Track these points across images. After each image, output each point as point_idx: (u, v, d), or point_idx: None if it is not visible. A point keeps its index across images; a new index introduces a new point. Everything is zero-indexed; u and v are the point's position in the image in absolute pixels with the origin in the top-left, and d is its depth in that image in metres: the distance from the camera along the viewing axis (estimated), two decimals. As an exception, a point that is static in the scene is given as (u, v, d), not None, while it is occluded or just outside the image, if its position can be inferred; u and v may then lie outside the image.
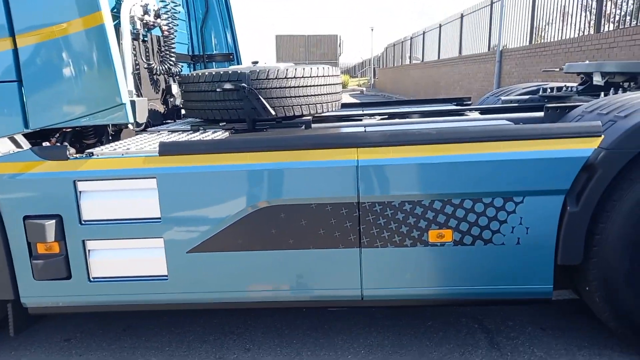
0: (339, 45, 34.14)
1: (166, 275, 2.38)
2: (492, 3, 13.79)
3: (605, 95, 2.78)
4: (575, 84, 3.69)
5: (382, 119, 3.54)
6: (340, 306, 2.47)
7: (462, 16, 16.44)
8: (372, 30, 35.01)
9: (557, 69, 3.96)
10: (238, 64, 4.27)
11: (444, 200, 2.25)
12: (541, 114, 2.90)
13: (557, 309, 2.91)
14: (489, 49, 14.05)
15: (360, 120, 3.51)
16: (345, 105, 4.55)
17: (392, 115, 3.62)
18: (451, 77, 16.96)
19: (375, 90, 30.48)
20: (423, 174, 2.23)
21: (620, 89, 3.18)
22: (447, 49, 18.29)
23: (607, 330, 2.51)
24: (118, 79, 2.26)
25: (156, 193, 2.26)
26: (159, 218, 2.30)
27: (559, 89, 3.62)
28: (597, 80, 3.23)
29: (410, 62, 24.50)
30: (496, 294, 2.38)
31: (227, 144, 2.28)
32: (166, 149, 2.25)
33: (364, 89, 32.49)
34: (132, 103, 2.58)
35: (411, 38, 24.20)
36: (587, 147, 2.16)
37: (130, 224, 2.31)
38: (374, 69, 35.52)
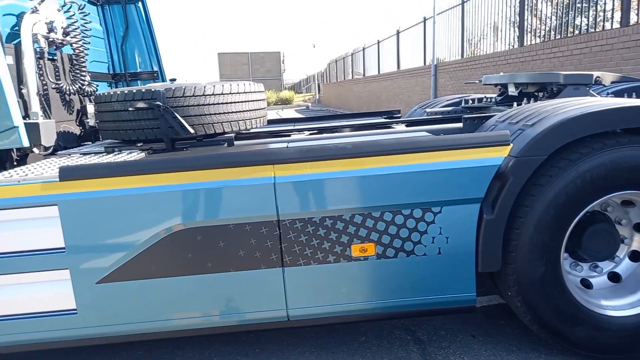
0: (283, 62, 34.36)
1: (75, 309, 2.21)
2: (425, 20, 14.33)
3: (518, 105, 2.88)
4: (495, 95, 3.83)
5: (311, 134, 3.52)
6: (266, 328, 2.38)
7: (398, 33, 16.96)
8: (314, 46, 35.58)
9: (477, 81, 4.10)
10: (163, 81, 4.14)
11: (364, 214, 2.23)
12: (461, 124, 2.98)
13: (487, 315, 2.95)
14: (424, 64, 14.54)
15: (289, 135, 3.47)
16: (277, 121, 4.52)
17: (321, 130, 3.61)
18: (391, 91, 17.40)
19: (320, 105, 30.78)
20: (341, 189, 2.20)
21: (532, 98, 3.32)
22: (386, 64, 18.79)
23: (533, 333, 2.56)
24: (8, 100, 2.10)
25: (58, 221, 2.10)
26: (63, 248, 2.13)
27: (480, 100, 3.75)
28: (512, 90, 3.36)
29: (352, 77, 24.97)
30: (422, 304, 2.37)
31: (132, 166, 2.16)
32: (67, 174, 2.10)
33: (310, 104, 32.75)
34: (35, 125, 2.43)
35: (352, 54, 24.70)
36: (498, 155, 2.21)
37: (32, 256, 2.13)
38: (318, 84, 35.95)
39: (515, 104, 3.06)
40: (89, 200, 2.11)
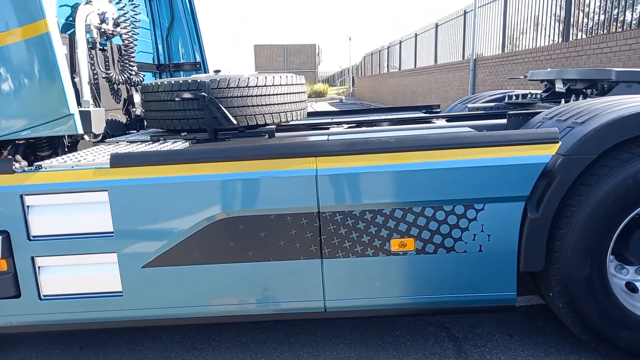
0: (318, 55, 34.33)
1: (121, 291, 2.29)
2: (465, 13, 14.02)
3: (566, 101, 2.80)
4: (539, 91, 3.73)
5: (349, 127, 3.52)
6: (303, 318, 2.41)
7: (436, 26, 16.67)
8: (350, 39, 35.38)
9: (522, 77, 4.00)
10: (205, 72, 4.21)
11: (405, 208, 2.22)
12: (504, 120, 2.92)
13: (525, 315, 2.90)
14: (463, 58, 14.25)
15: (328, 128, 3.48)
16: (315, 114, 4.54)
17: (360, 124, 3.61)
18: (427, 86, 17.14)
19: (354, 99, 30.63)
20: (383, 183, 2.19)
21: (581, 95, 3.21)
22: (423, 58, 18.51)
23: (573, 336, 2.50)
24: (65, 89, 2.18)
25: (108, 206, 2.18)
26: (112, 232, 2.22)
27: (524, 96, 3.66)
28: (559, 87, 3.27)
29: (387, 70, 24.72)
30: (460, 302, 2.35)
31: (179, 154, 2.22)
32: (117, 161, 2.18)
33: (343, 97, 32.63)
34: (87, 113, 2.52)
35: (388, 47, 24.44)
36: (546, 153, 2.16)
37: (82, 239, 2.23)
38: (353, 77, 35.77)
39: (562, 100, 2.97)
40: (137, 186, 2.18)
